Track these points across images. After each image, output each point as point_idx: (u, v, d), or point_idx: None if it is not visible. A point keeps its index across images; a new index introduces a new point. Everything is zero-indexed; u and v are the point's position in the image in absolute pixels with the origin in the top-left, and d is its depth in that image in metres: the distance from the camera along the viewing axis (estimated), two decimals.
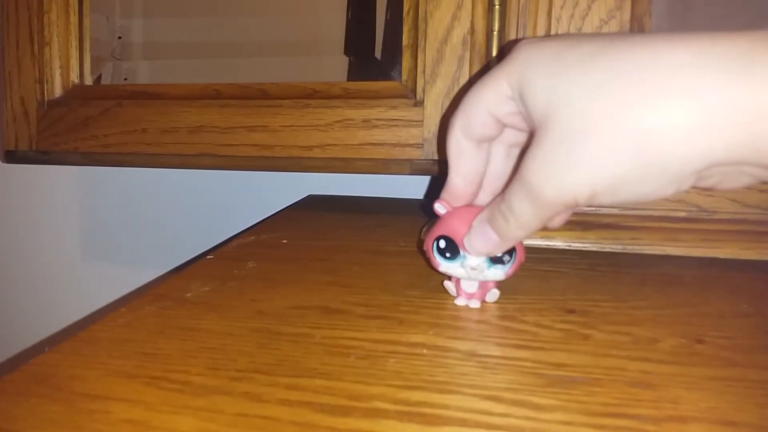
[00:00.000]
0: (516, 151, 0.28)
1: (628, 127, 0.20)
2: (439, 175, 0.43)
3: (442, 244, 0.27)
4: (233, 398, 0.19)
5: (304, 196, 0.58)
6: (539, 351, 0.23)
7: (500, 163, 0.28)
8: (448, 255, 0.27)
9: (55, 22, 0.50)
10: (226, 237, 0.47)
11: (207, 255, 0.36)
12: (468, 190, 0.28)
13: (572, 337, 0.24)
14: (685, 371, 0.21)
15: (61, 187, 0.72)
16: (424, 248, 0.28)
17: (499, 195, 0.26)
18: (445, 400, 0.19)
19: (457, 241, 0.27)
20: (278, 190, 0.64)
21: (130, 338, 0.24)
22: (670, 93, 0.19)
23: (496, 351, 0.23)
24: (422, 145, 0.42)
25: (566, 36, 0.23)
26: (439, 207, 0.28)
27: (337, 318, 0.26)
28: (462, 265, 0.27)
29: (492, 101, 0.25)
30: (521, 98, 0.23)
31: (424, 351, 0.23)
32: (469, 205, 0.28)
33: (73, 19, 0.51)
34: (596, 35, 0.23)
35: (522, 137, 0.27)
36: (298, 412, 0.19)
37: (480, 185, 0.28)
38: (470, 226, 0.26)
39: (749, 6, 0.45)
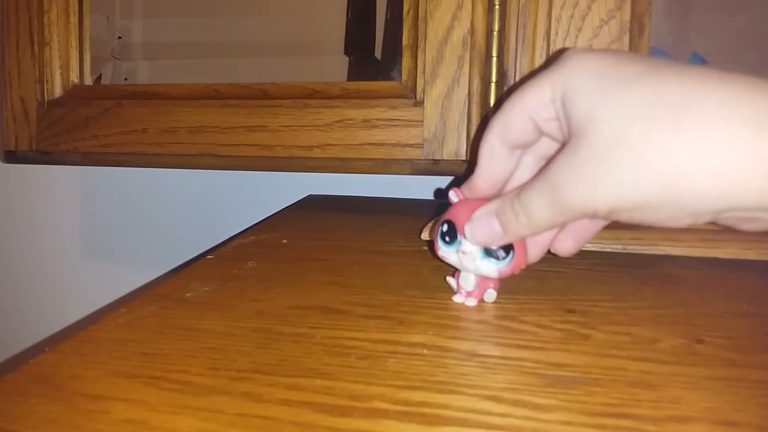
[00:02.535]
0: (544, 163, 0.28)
1: (659, 158, 0.20)
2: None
3: (445, 227, 0.28)
4: (233, 398, 0.19)
5: (304, 196, 0.58)
6: (539, 351, 0.23)
7: (528, 172, 0.28)
8: (447, 239, 0.28)
9: (55, 22, 0.50)
10: (226, 237, 0.47)
11: (207, 255, 0.36)
12: (488, 192, 0.28)
13: (572, 337, 0.24)
14: (685, 371, 0.21)
15: (61, 187, 0.72)
16: (433, 236, 0.29)
17: (512, 190, 0.26)
18: (445, 400, 0.19)
19: (458, 226, 0.27)
20: (278, 190, 0.64)
21: (130, 338, 0.24)
22: (701, 134, 0.20)
23: (496, 351, 0.23)
24: (422, 145, 0.42)
25: (616, 53, 0.24)
26: (453, 195, 0.29)
27: (337, 318, 0.26)
28: (457, 251, 0.27)
29: (533, 104, 0.25)
30: (562, 105, 0.24)
31: (424, 351, 0.23)
32: (483, 198, 0.28)
33: (73, 19, 0.51)
34: (644, 57, 0.23)
35: (555, 148, 0.27)
36: (298, 412, 0.18)
37: (501, 190, 0.28)
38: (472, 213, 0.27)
39: (748, 6, 0.45)
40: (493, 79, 0.41)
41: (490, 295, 0.28)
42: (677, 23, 0.46)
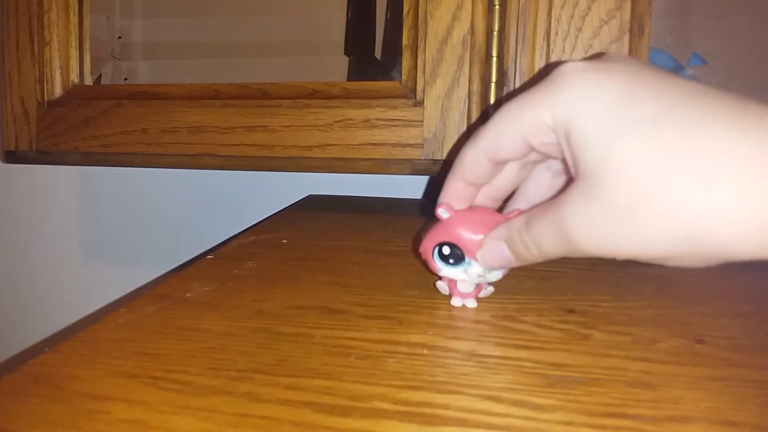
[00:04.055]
0: (529, 167, 0.28)
1: (682, 211, 0.19)
2: (438, 175, 0.43)
3: (446, 250, 0.27)
4: (233, 398, 0.19)
5: (304, 196, 0.58)
6: (539, 351, 0.23)
7: (510, 174, 0.28)
8: (451, 261, 0.27)
9: (55, 22, 0.50)
10: (226, 237, 0.47)
11: (207, 255, 0.36)
12: (468, 192, 0.27)
13: (572, 337, 0.24)
14: (685, 371, 0.21)
15: (61, 187, 0.72)
16: (421, 251, 0.28)
17: (520, 217, 0.25)
18: (445, 400, 0.19)
19: (463, 248, 0.26)
20: (278, 190, 0.64)
21: (130, 338, 0.24)
22: (729, 187, 0.19)
23: (496, 351, 0.23)
24: (422, 145, 0.42)
25: (618, 74, 0.22)
26: (442, 212, 0.27)
27: (337, 318, 0.26)
28: (465, 271, 0.27)
29: (528, 128, 0.24)
30: (567, 137, 0.22)
31: (424, 351, 0.23)
32: (471, 208, 0.28)
33: (73, 19, 0.51)
34: (654, 83, 0.21)
35: (541, 156, 0.26)
36: (298, 412, 0.19)
37: (480, 188, 0.28)
38: (477, 234, 0.26)
39: (748, 6, 0.45)
40: (493, 79, 0.41)
41: (488, 291, 0.28)
42: (677, 23, 0.46)
